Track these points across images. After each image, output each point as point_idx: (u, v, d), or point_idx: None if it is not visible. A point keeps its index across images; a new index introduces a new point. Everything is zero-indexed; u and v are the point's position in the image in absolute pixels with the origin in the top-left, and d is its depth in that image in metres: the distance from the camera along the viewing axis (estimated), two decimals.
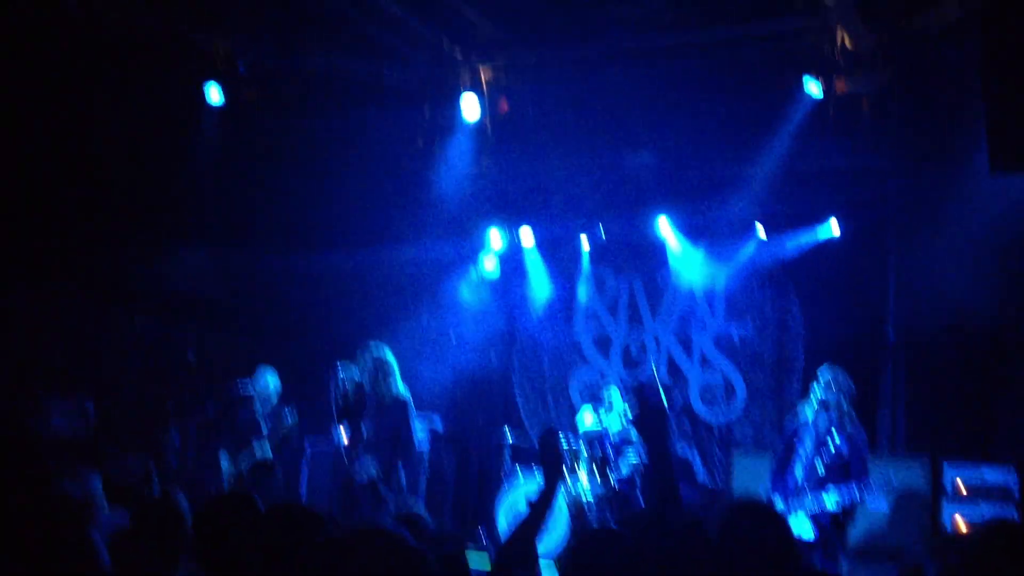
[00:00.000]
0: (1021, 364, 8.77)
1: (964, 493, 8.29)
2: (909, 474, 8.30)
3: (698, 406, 11.08)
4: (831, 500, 6.81)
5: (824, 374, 7.25)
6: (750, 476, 9.13)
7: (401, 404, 7.85)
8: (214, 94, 10.29)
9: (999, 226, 8.48)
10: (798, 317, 10.74)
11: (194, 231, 10.46)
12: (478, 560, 5.79)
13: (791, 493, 7.06)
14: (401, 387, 7.97)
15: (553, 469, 3.76)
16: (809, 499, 6.92)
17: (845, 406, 7.10)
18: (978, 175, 7.45)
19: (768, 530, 3.15)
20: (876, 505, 7.63)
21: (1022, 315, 8.68)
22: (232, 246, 10.63)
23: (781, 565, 3.05)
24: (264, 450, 8.67)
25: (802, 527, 6.94)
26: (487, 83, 10.81)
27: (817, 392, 7.15)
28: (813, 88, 9.62)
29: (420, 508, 6.05)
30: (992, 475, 8.27)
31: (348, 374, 7.83)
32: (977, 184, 8.15)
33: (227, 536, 3.44)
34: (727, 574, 2.86)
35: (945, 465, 8.37)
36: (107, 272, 10.39)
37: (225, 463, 8.84)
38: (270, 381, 9.02)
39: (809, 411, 7.16)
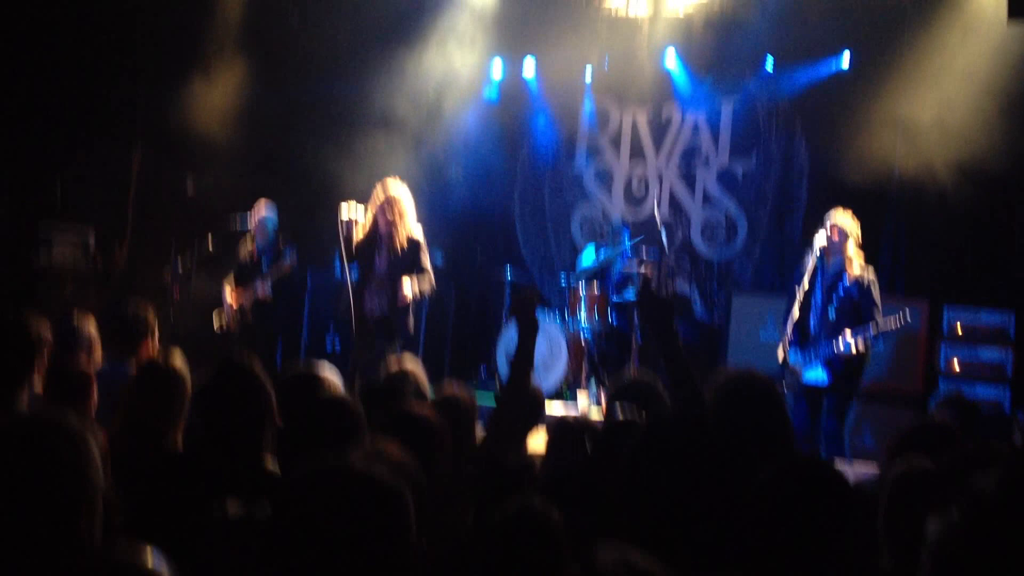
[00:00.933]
0: None
1: (961, 335, 8.34)
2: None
3: (698, 243, 11.05)
4: (844, 343, 6.83)
5: (829, 218, 7.17)
6: (748, 315, 9.20)
7: (414, 243, 7.78)
8: None
9: (1012, 73, 8.25)
10: (803, 154, 10.59)
11: (192, 65, 10.21)
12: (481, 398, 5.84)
13: (806, 343, 7.07)
14: (414, 226, 7.88)
15: (525, 329, 3.65)
16: (823, 345, 6.95)
17: (851, 249, 7.05)
18: (996, 17, 7.19)
19: (762, 407, 3.13)
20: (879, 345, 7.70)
21: None
22: (229, 79, 10.36)
23: (772, 443, 3.05)
24: (265, 285, 8.68)
25: (816, 373, 6.99)
26: None
27: (822, 237, 7.07)
28: None
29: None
30: (990, 318, 8.29)
31: (355, 214, 7.68)
32: (994, 27, 7.90)
33: (229, 408, 3.41)
34: (720, 454, 2.85)
35: (944, 308, 8.39)
36: (105, 106, 10.21)
37: (226, 296, 8.87)
38: (268, 216, 8.96)
39: (815, 256, 7.07)
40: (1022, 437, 6.21)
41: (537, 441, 4.61)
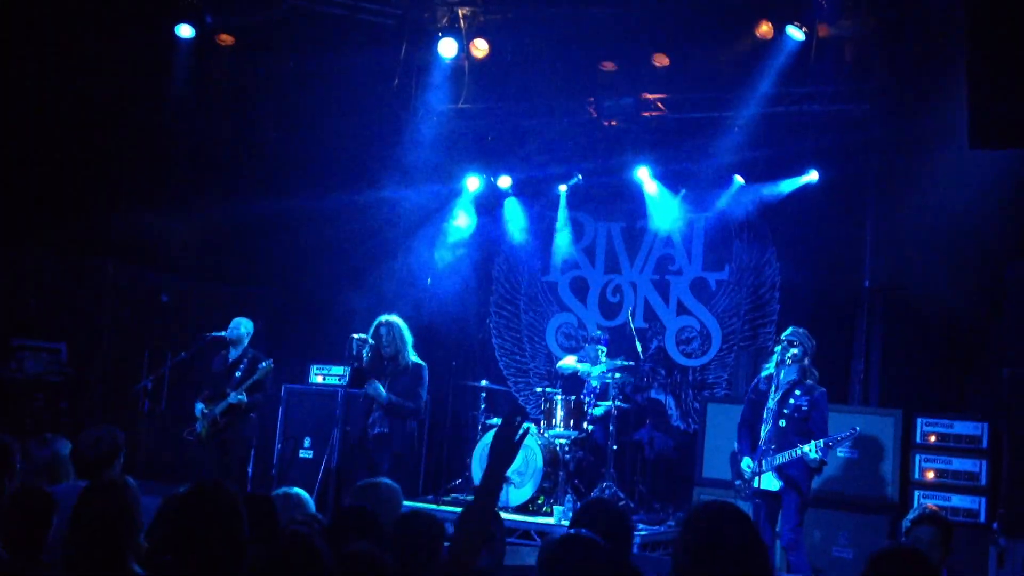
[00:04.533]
0: (994, 324, 8.75)
1: (934, 445, 8.34)
2: (881, 425, 8.35)
3: (673, 351, 11.10)
4: (795, 452, 6.96)
5: (786, 331, 7.36)
6: (722, 423, 9.18)
7: (417, 367, 8.27)
8: (185, 31, 10.12)
9: (975, 192, 8.43)
10: (775, 265, 10.73)
11: (168, 179, 10.32)
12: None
13: (758, 452, 7.19)
14: (414, 354, 8.31)
15: (499, 457, 3.28)
16: (773, 454, 7.06)
17: (807, 362, 7.17)
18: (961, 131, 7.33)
19: (732, 529, 3.09)
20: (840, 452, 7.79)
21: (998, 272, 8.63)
22: (207, 192, 10.47)
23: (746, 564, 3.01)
24: (237, 394, 8.65)
25: (768, 481, 7.10)
26: (465, 23, 10.61)
27: (780, 349, 7.22)
28: (795, 32, 9.50)
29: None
30: (963, 428, 8.31)
31: (364, 344, 8.13)
32: (959, 139, 8.06)
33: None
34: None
35: (917, 418, 8.41)
36: (81, 221, 10.28)
37: (199, 407, 8.82)
38: (243, 326, 8.97)
39: (772, 367, 7.23)
40: (999, 550, 6.19)
41: None
